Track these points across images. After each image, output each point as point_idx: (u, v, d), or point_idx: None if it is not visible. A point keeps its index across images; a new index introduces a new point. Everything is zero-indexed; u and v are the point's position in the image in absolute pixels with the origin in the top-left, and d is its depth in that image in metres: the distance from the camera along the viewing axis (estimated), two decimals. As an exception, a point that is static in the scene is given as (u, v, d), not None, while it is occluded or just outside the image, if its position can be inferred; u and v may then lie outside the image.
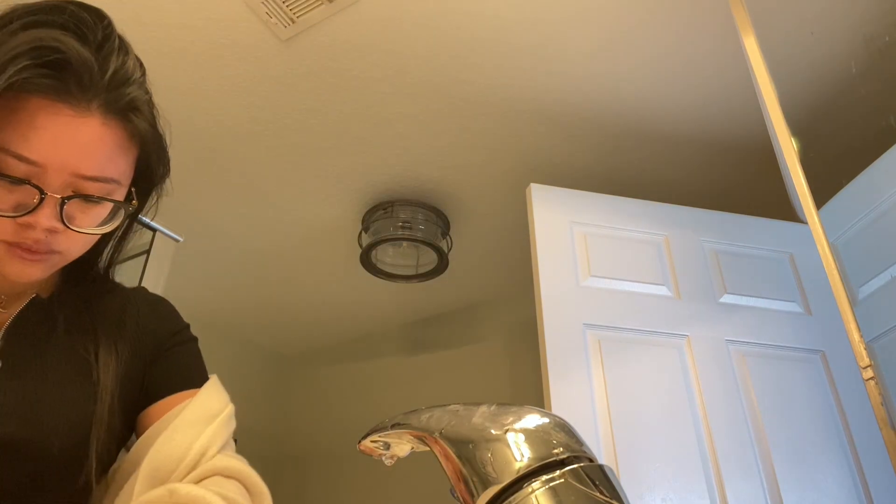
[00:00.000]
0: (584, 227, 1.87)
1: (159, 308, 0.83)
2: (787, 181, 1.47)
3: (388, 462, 0.51)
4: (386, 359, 3.23)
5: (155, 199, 0.79)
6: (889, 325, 1.42)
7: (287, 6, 1.68)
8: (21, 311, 0.71)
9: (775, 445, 1.65)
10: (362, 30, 1.75)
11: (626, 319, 1.75)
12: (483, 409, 0.42)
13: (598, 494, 0.36)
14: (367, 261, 2.44)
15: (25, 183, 0.61)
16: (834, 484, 1.63)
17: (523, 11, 1.71)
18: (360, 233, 2.43)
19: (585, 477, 0.37)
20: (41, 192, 0.61)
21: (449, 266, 2.50)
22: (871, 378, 1.20)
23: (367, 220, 2.41)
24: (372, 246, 2.36)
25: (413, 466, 1.11)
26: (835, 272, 1.26)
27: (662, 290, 1.83)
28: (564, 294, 1.74)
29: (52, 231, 0.64)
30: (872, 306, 1.50)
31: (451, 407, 0.43)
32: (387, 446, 0.49)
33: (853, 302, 1.27)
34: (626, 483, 1.50)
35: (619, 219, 1.91)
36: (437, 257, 2.44)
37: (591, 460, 0.38)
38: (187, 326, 0.83)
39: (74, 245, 0.68)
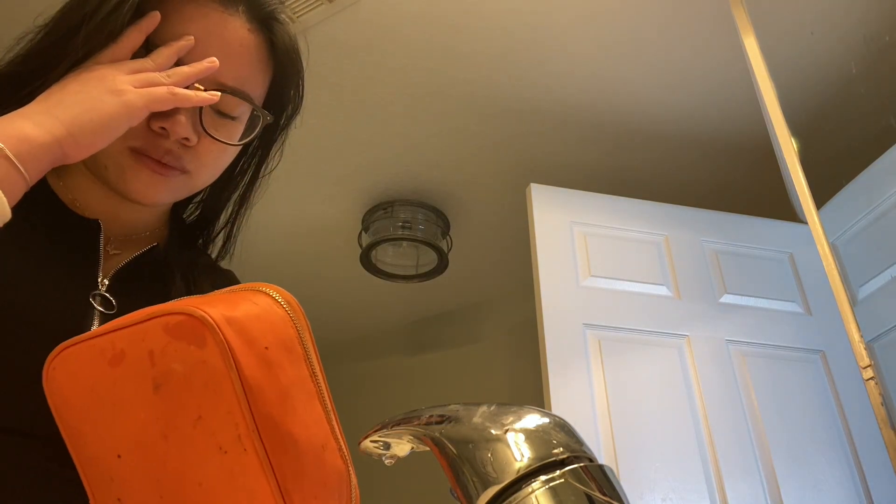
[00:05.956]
0: (584, 227, 1.87)
1: None
2: (787, 181, 1.47)
3: (388, 462, 0.51)
4: (386, 359, 3.22)
5: (281, 142, 0.74)
6: (889, 325, 1.42)
7: (287, 6, 1.68)
8: (137, 257, 0.65)
9: (775, 445, 1.65)
10: (362, 30, 1.75)
11: (626, 319, 1.75)
12: (483, 409, 0.42)
13: (598, 494, 0.36)
14: (367, 261, 2.44)
15: None
16: (834, 484, 1.63)
17: (523, 12, 1.71)
18: (360, 233, 2.43)
19: (585, 477, 0.37)
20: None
21: (449, 266, 2.50)
22: (871, 378, 1.20)
23: (367, 220, 2.41)
24: (372, 246, 2.36)
25: (413, 466, 1.11)
26: (835, 272, 1.26)
27: (662, 290, 1.82)
28: (564, 294, 1.74)
29: (185, 144, 0.60)
30: (872, 306, 1.50)
31: (451, 407, 0.43)
32: (387, 446, 0.49)
33: (853, 302, 1.27)
34: (626, 483, 1.50)
35: (619, 219, 1.91)
36: (437, 257, 2.44)
37: (591, 460, 0.38)
38: None
39: (204, 166, 0.63)
